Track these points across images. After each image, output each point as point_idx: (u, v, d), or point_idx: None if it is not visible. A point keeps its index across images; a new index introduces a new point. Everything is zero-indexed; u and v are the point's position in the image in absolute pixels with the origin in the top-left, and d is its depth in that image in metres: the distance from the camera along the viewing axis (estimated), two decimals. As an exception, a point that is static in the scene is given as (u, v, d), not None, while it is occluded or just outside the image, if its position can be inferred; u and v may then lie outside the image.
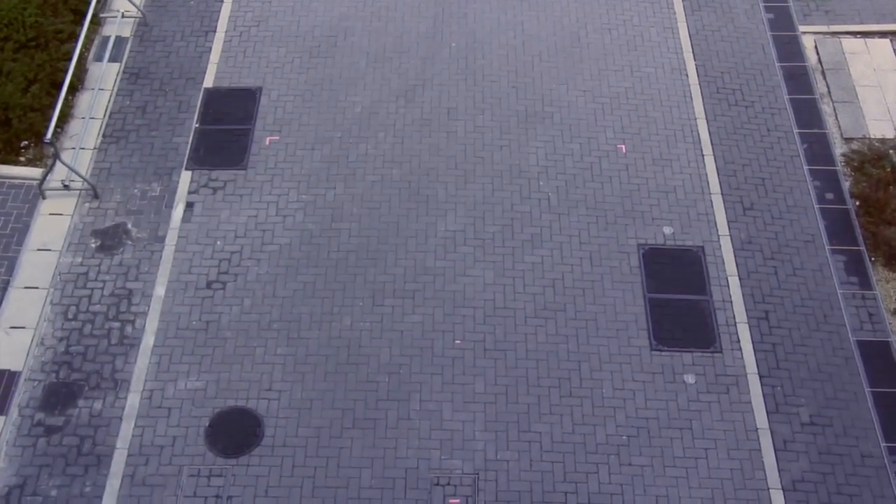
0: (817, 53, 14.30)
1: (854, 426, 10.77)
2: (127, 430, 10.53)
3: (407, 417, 10.69)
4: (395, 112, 13.29)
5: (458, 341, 11.29)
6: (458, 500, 10.12)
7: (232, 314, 11.37)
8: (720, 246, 12.17)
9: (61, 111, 12.49)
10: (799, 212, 12.55)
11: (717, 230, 12.31)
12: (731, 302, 11.68)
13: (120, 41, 14.08)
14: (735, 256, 12.09)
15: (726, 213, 12.49)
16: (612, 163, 12.93)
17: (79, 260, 11.89)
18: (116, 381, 10.90)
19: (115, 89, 13.61)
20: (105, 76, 13.64)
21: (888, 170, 12.64)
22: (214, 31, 14.33)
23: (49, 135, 11.84)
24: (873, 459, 10.54)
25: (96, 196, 12.45)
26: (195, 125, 13.20)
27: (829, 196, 12.71)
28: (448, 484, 10.23)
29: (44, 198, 12.41)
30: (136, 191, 12.54)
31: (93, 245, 12.03)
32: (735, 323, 11.51)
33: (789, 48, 14.34)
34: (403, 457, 10.40)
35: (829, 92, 13.85)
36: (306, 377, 10.98)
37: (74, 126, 13.14)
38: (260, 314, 11.42)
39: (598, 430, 10.58)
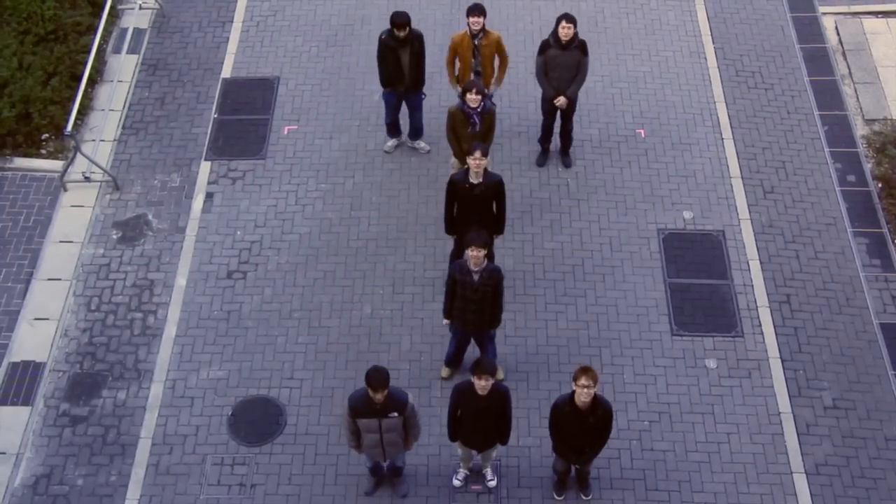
0: (838, 34, 14.17)
1: (877, 409, 10.71)
2: (151, 419, 10.61)
3: (428, 405, 10.71)
4: (413, 100, 13.27)
5: (478, 328, 11.29)
6: (480, 486, 10.14)
7: (253, 304, 11.42)
8: (741, 230, 12.11)
9: (81, 104, 12.55)
10: (820, 194, 12.46)
11: (738, 214, 12.25)
12: (753, 286, 11.62)
13: (138, 33, 14.12)
14: (756, 240, 12.03)
15: (747, 196, 12.42)
16: (631, 147, 12.88)
17: (101, 251, 11.97)
18: (140, 371, 10.98)
19: (134, 81, 13.67)
20: (124, 68, 13.70)
21: (910, 151, 12.54)
22: (231, 22, 14.35)
23: (69, 127, 11.92)
24: (897, 443, 10.50)
25: (117, 187, 12.52)
26: (214, 115, 13.25)
27: (851, 178, 12.61)
28: (470, 470, 10.24)
29: (65, 190, 12.49)
30: (156, 182, 12.60)
31: (114, 236, 12.11)
32: (756, 307, 11.46)
33: (809, 29, 14.22)
34: (425, 444, 10.42)
35: (850, 73, 13.72)
36: (328, 366, 11.02)
37: (94, 118, 13.21)
38: (281, 303, 11.47)
39: (619, 415, 10.56)
